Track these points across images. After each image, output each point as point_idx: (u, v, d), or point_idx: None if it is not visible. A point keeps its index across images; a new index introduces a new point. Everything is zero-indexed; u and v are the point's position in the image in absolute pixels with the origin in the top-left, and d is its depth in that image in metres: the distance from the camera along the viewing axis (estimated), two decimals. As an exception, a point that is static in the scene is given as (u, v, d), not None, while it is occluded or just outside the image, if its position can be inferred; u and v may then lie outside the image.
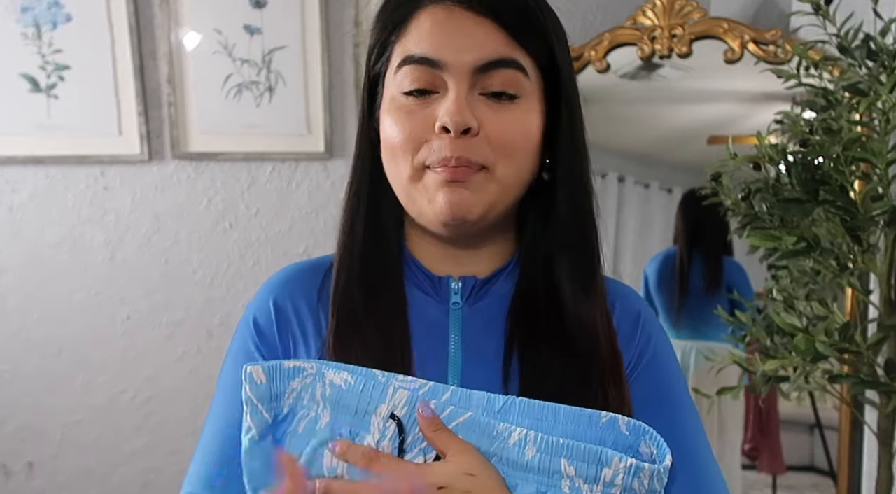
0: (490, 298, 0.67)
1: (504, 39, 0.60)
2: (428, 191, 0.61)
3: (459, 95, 0.59)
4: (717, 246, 1.67)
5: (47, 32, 1.59)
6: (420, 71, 0.61)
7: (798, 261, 1.02)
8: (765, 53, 1.45)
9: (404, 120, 0.61)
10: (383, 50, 0.65)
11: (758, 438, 1.65)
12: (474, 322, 0.66)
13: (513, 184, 0.63)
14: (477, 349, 0.65)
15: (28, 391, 1.70)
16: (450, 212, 0.60)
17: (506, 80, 0.61)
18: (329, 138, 1.68)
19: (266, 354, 0.67)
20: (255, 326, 0.68)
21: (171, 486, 1.76)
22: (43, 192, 1.66)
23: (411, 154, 0.61)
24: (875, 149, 0.89)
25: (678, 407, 0.67)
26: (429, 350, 0.64)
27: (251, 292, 1.82)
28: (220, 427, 0.66)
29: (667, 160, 1.74)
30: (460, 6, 0.60)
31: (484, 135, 0.60)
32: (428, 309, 0.66)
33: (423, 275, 0.67)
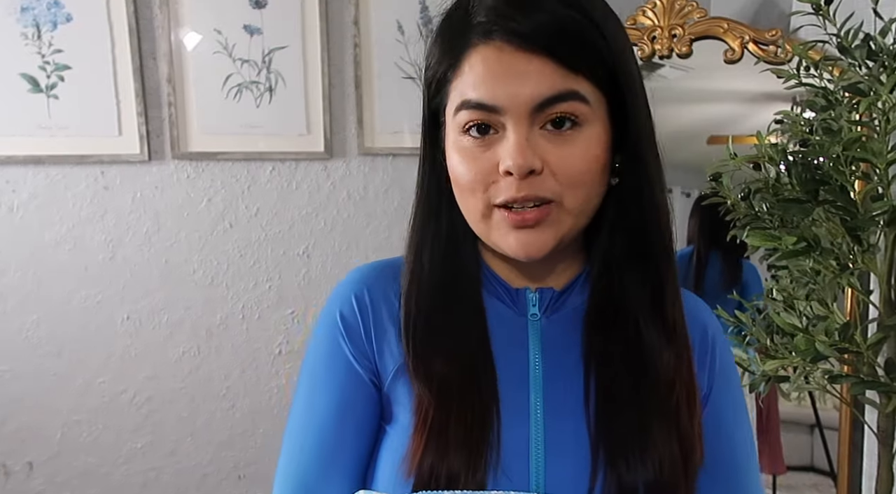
0: (566, 309, 0.67)
1: (559, 73, 0.58)
2: (500, 230, 0.62)
3: (520, 137, 0.59)
4: (737, 247, 1.68)
5: (47, 32, 1.59)
6: (478, 115, 0.60)
7: (798, 261, 1.02)
8: (765, 53, 1.45)
9: (470, 162, 0.61)
10: (441, 86, 0.64)
11: (758, 438, 1.65)
12: (553, 334, 0.66)
13: (583, 212, 0.63)
14: (556, 360, 0.65)
15: (28, 391, 1.70)
16: (523, 253, 0.61)
17: (566, 111, 0.59)
18: (329, 138, 1.68)
19: (352, 347, 0.67)
20: (342, 322, 0.68)
21: (171, 486, 1.76)
22: (43, 192, 1.66)
23: (480, 192, 0.61)
24: (875, 149, 0.89)
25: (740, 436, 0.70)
26: (509, 363, 0.64)
27: (251, 292, 1.84)
28: (307, 428, 0.67)
29: (667, 160, 1.74)
30: (510, 44, 0.58)
31: (549, 172, 0.60)
32: (506, 319, 0.66)
33: (501, 287, 0.68)
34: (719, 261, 1.68)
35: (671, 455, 0.62)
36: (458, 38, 0.61)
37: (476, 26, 0.60)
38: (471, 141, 0.61)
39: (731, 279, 1.66)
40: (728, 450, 0.68)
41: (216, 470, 1.77)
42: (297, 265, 1.74)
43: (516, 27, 0.58)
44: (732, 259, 1.67)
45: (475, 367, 0.63)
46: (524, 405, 0.63)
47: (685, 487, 0.62)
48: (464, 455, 0.60)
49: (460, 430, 0.60)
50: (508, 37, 0.58)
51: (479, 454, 0.60)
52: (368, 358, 0.67)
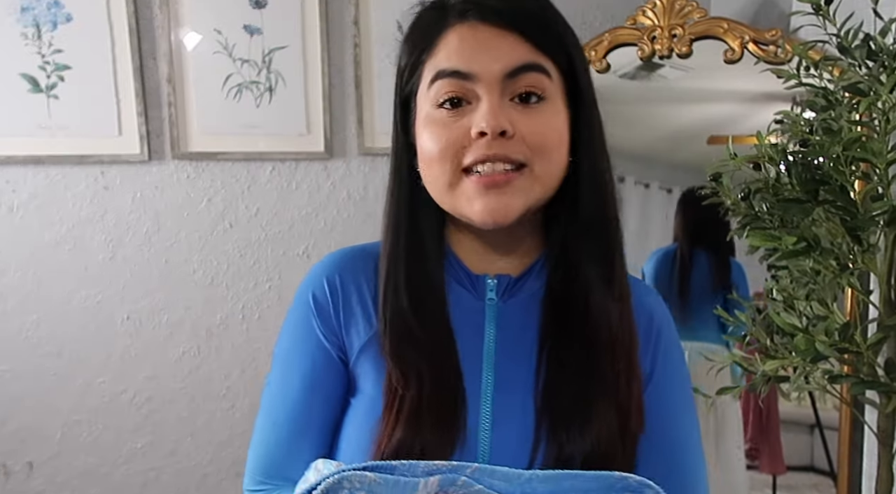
0: (522, 295, 0.72)
1: (527, 47, 0.65)
2: (467, 196, 0.66)
3: (492, 102, 0.64)
4: (724, 245, 1.67)
5: (47, 32, 1.59)
6: (452, 84, 0.65)
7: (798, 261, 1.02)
8: (765, 53, 1.45)
9: (441, 131, 0.66)
10: (414, 69, 0.69)
11: (758, 438, 1.65)
12: (508, 316, 0.71)
13: (550, 182, 0.67)
14: (510, 343, 0.70)
15: (28, 391, 1.70)
16: (490, 219, 0.65)
17: (532, 83, 0.65)
18: (329, 138, 1.68)
19: (322, 326, 0.72)
20: (314, 302, 0.73)
21: (171, 486, 1.76)
22: (43, 192, 1.66)
23: (450, 161, 0.65)
24: (875, 149, 0.88)
25: (682, 414, 0.75)
26: (466, 341, 0.69)
27: (251, 292, 1.84)
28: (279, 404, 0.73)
29: (667, 160, 1.74)
30: (483, 23, 0.65)
31: (519, 137, 0.64)
32: (466, 303, 0.71)
33: (463, 273, 0.73)
34: (706, 260, 1.67)
35: (609, 426, 0.66)
36: (433, 24, 0.68)
37: (451, 9, 0.67)
38: (444, 113, 0.66)
39: (719, 278, 1.66)
40: (670, 429, 0.72)
41: (216, 470, 1.77)
42: (297, 265, 1.74)
43: (490, 6, 0.65)
44: (721, 258, 1.66)
45: (442, 351, 0.68)
46: (477, 382, 0.68)
47: (622, 457, 0.67)
48: (437, 433, 0.65)
49: (433, 411, 0.65)
50: (482, 15, 0.65)
51: (452, 432, 0.65)
52: (337, 335, 0.72)
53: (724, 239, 1.65)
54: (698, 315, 1.69)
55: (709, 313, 1.66)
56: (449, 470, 0.60)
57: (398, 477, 0.60)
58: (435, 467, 0.60)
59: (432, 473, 0.60)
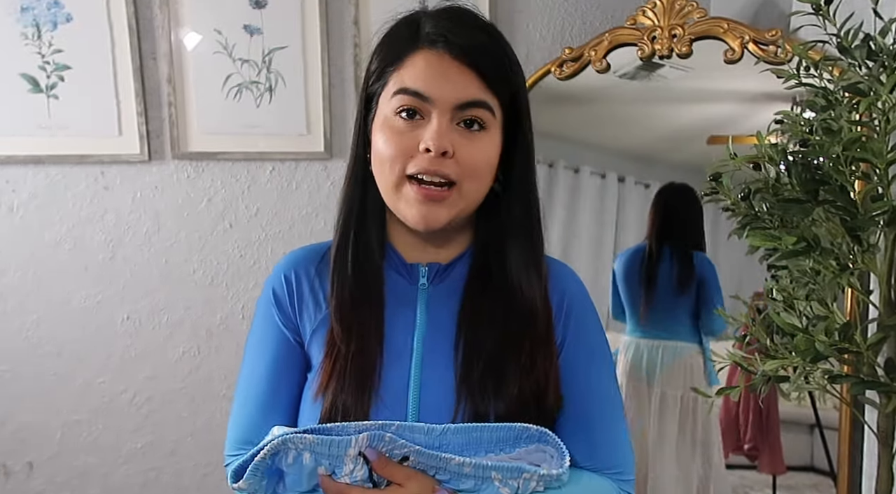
0: (450, 280, 0.84)
1: (479, 85, 0.77)
2: (408, 201, 0.78)
3: (441, 125, 0.76)
4: (688, 242, 1.66)
5: (47, 32, 1.59)
6: (412, 101, 0.77)
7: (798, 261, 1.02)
8: (765, 53, 1.45)
9: (395, 138, 0.77)
10: (381, 75, 0.80)
11: (758, 438, 1.65)
12: (437, 298, 0.84)
13: (474, 199, 0.81)
14: (437, 319, 0.82)
15: (28, 391, 1.70)
16: (424, 224, 0.78)
17: (477, 115, 0.77)
18: (329, 138, 1.68)
19: (282, 317, 0.86)
20: (273, 296, 0.86)
21: (171, 486, 1.76)
22: (43, 192, 1.66)
23: (398, 165, 0.77)
24: (875, 149, 0.88)
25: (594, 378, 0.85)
26: (400, 319, 0.82)
27: (251, 292, 1.84)
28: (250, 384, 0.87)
29: (667, 160, 1.74)
30: (449, 54, 0.76)
31: (456, 158, 0.77)
32: (401, 287, 0.84)
33: (399, 262, 0.85)
34: (670, 257, 1.67)
35: (522, 391, 0.78)
36: (405, 41, 0.79)
37: (424, 35, 0.78)
38: (400, 121, 0.78)
39: (683, 275, 1.65)
40: (583, 393, 0.83)
41: (216, 470, 1.77)
42: (297, 265, 1.74)
43: (457, 42, 0.76)
44: (683, 252, 1.66)
45: (369, 324, 0.80)
46: (408, 353, 0.81)
47: (536, 421, 0.76)
48: (355, 389, 0.77)
49: (353, 370, 0.78)
50: (449, 48, 0.76)
51: (366, 389, 0.77)
52: (293, 322, 0.85)
53: (690, 234, 1.65)
54: (666, 311, 1.68)
55: (676, 310, 1.67)
56: (376, 429, 0.71)
57: (333, 437, 0.70)
58: (364, 426, 0.71)
59: (362, 431, 0.70)
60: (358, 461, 0.71)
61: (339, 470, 0.71)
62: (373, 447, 0.71)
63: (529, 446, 0.75)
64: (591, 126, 1.77)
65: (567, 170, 1.74)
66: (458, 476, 0.72)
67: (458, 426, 0.74)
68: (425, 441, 0.72)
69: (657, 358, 1.66)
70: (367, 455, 0.71)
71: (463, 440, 0.73)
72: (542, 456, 0.75)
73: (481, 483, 0.72)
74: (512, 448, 0.74)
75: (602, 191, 1.74)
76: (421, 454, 0.71)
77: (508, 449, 0.74)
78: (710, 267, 1.62)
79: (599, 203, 1.74)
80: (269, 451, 0.70)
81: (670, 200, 1.67)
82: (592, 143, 1.76)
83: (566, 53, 1.63)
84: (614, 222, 1.74)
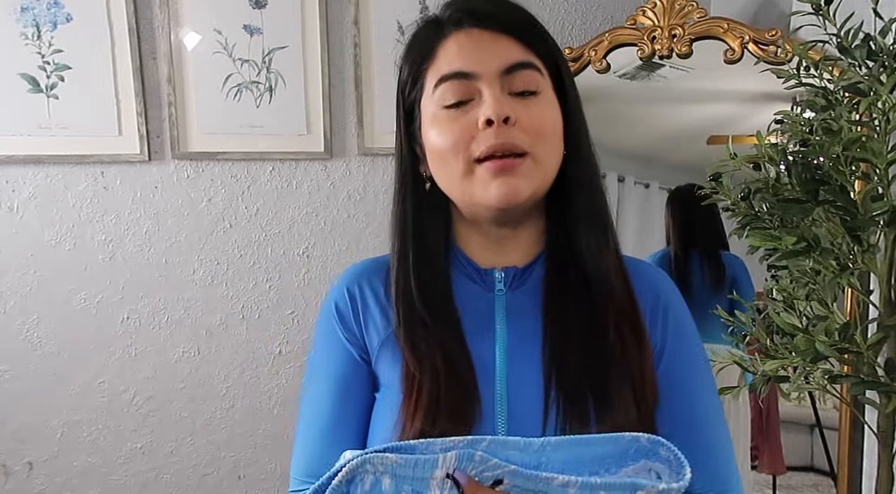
0: (529, 284, 0.78)
1: (519, 48, 0.72)
2: (483, 182, 0.71)
3: (495, 94, 0.70)
4: (713, 242, 1.65)
5: (47, 32, 1.59)
6: (456, 84, 0.71)
7: (798, 261, 1.02)
8: (765, 53, 1.45)
9: (450, 126, 0.72)
10: (416, 80, 0.75)
11: (758, 438, 1.65)
12: (516, 304, 0.77)
13: (551, 167, 0.74)
14: (519, 326, 0.75)
15: (28, 391, 1.70)
16: (505, 199, 0.71)
17: (527, 79, 0.72)
18: (329, 138, 1.68)
19: (345, 331, 0.79)
20: (336, 311, 0.80)
21: (171, 486, 1.76)
22: (43, 192, 1.66)
23: (462, 152, 0.71)
24: (875, 149, 0.89)
25: (699, 388, 0.77)
26: (479, 330, 0.75)
27: (251, 292, 1.84)
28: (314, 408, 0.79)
29: (667, 160, 1.74)
30: (478, 28, 0.72)
31: (520, 126, 0.70)
32: (476, 296, 0.77)
33: (472, 268, 0.79)
34: (700, 259, 1.66)
35: (622, 393, 0.70)
36: (431, 37, 0.74)
37: (447, 21, 0.74)
38: (450, 112, 0.72)
39: (715, 276, 1.65)
40: (687, 404, 0.75)
41: (216, 470, 1.77)
42: (297, 265, 1.74)
43: (482, 14, 0.72)
44: (711, 253, 1.65)
45: (452, 340, 0.73)
46: (492, 368, 0.73)
47: (638, 426, 0.68)
48: (453, 421, 0.69)
49: (449, 398, 0.70)
50: (477, 21, 0.72)
51: (466, 417, 0.69)
52: (358, 338, 0.79)
53: (713, 234, 1.65)
54: (702, 314, 1.68)
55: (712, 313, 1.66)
56: (465, 445, 0.62)
57: (418, 456, 0.62)
58: (452, 443, 0.63)
59: (449, 449, 0.62)
60: (445, 484, 0.63)
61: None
62: (461, 469, 0.62)
63: (637, 463, 0.65)
64: (591, 126, 1.76)
65: (567, 170, 1.73)
66: None
67: (559, 439, 0.65)
68: (521, 459, 0.63)
69: None
70: (457, 478, 0.62)
71: (564, 456, 0.64)
72: (648, 477, 0.65)
73: None
74: (617, 468, 0.65)
75: (602, 190, 1.74)
76: (517, 475, 0.62)
77: (613, 469, 0.65)
78: (741, 264, 1.61)
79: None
80: (344, 475, 0.63)
81: (685, 203, 1.66)
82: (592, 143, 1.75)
83: (566, 53, 1.63)
84: (614, 222, 1.74)
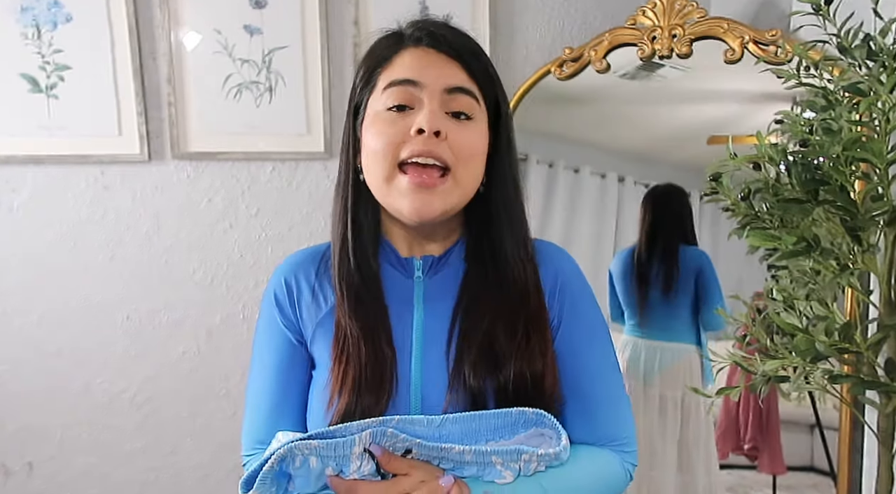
0: (444, 271, 0.87)
1: (465, 75, 0.81)
2: (400, 192, 0.79)
3: (433, 108, 0.79)
4: (676, 239, 1.66)
5: (47, 32, 1.59)
6: (402, 90, 0.80)
7: (798, 261, 1.02)
8: (765, 53, 1.45)
9: (386, 129, 0.79)
10: (369, 79, 0.84)
11: (758, 438, 1.65)
12: (433, 290, 0.86)
13: (467, 188, 0.82)
14: (434, 309, 0.84)
15: (28, 391, 1.70)
16: (417, 214, 0.79)
17: (465, 104, 0.81)
18: (329, 138, 1.68)
19: (282, 318, 0.88)
20: (275, 299, 0.89)
21: (171, 486, 1.76)
22: (43, 192, 1.66)
23: (390, 155, 0.79)
24: (875, 149, 0.89)
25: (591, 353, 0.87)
26: (400, 311, 0.84)
27: (251, 292, 1.84)
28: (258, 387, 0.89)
29: (667, 160, 1.74)
30: (434, 49, 0.81)
31: (448, 143, 0.78)
32: (398, 282, 0.86)
33: (395, 257, 0.87)
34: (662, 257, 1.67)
35: (518, 376, 0.79)
36: (391, 45, 0.83)
37: (408, 36, 0.83)
38: (391, 115, 0.80)
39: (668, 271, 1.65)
40: (582, 369, 0.85)
41: (216, 470, 1.77)
42: (297, 265, 1.74)
43: (440, 38, 0.81)
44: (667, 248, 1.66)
45: (376, 325, 0.82)
46: (409, 347, 0.83)
47: (541, 405, 0.78)
48: (373, 394, 0.79)
49: (370, 373, 0.79)
50: (432, 43, 0.81)
51: (384, 390, 0.79)
52: (294, 323, 0.88)
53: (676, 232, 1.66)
54: (663, 312, 1.68)
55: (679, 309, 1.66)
56: (377, 425, 0.73)
57: (337, 439, 0.72)
58: (366, 424, 0.73)
59: (364, 429, 0.73)
60: (364, 457, 0.73)
61: (346, 469, 0.73)
62: (376, 442, 0.73)
63: (528, 431, 0.77)
64: (591, 126, 1.77)
65: (567, 170, 1.74)
66: (460, 463, 0.75)
67: (456, 415, 0.76)
68: (426, 433, 0.75)
69: (655, 361, 1.66)
70: (372, 451, 0.73)
71: (461, 429, 0.76)
72: (540, 440, 0.78)
73: (483, 468, 0.75)
74: (510, 435, 0.77)
75: (602, 191, 1.74)
76: (422, 446, 0.74)
77: (507, 436, 0.77)
78: (704, 258, 1.62)
79: (599, 203, 1.74)
80: (275, 460, 0.72)
81: (654, 199, 1.68)
82: (592, 143, 1.76)
83: (566, 53, 1.63)
84: (614, 222, 1.74)
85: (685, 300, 1.64)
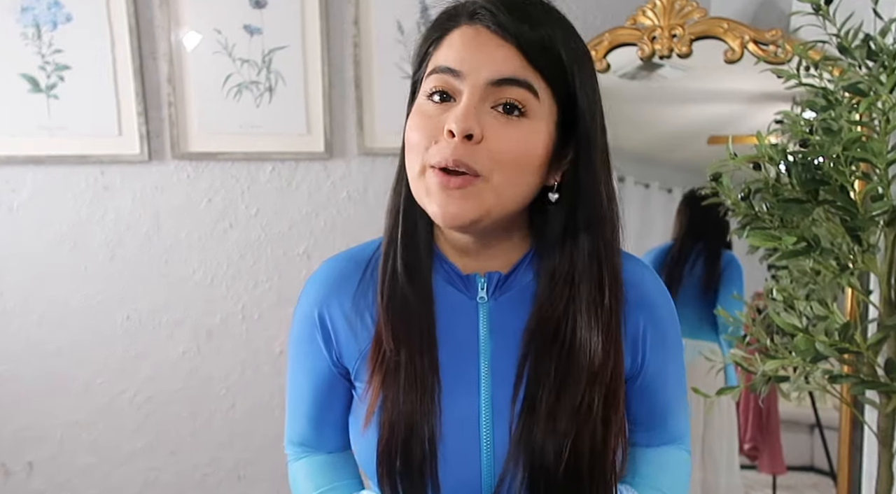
0: (512, 291, 0.74)
1: (520, 63, 0.65)
2: (430, 190, 0.67)
3: (469, 104, 0.64)
4: (718, 243, 1.66)
5: (47, 32, 1.59)
6: (442, 79, 0.67)
7: (798, 261, 1.02)
8: (765, 53, 1.45)
9: (423, 122, 0.67)
10: (422, 60, 0.71)
11: (758, 438, 1.65)
12: (500, 313, 0.74)
13: (509, 196, 0.67)
14: (502, 338, 0.73)
15: (28, 391, 1.70)
16: (444, 219, 0.66)
17: (515, 97, 0.65)
18: (329, 138, 1.68)
19: (325, 351, 0.78)
20: (317, 325, 0.78)
21: (171, 486, 1.76)
22: (43, 192, 1.66)
23: (423, 151, 0.67)
24: (875, 149, 0.88)
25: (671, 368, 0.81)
26: (461, 339, 0.73)
27: (251, 292, 1.83)
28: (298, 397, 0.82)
29: (667, 160, 1.74)
30: (488, 29, 0.66)
31: (486, 145, 0.65)
32: (459, 302, 0.74)
33: (454, 273, 0.75)
34: (700, 259, 1.67)
35: (581, 438, 0.69)
36: (446, 21, 0.69)
37: (465, 13, 0.68)
38: (431, 105, 0.67)
39: (711, 273, 1.66)
40: (660, 386, 0.80)
41: (216, 470, 1.77)
42: (297, 265, 1.74)
43: (499, 18, 0.66)
44: (712, 251, 1.66)
45: (420, 347, 0.71)
46: (475, 381, 0.72)
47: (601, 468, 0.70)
48: (414, 394, 0.70)
49: (408, 376, 0.70)
50: (489, 22, 0.66)
51: (427, 391, 0.70)
52: (335, 359, 0.78)
53: (720, 236, 1.66)
54: (694, 311, 1.68)
55: (704, 310, 1.66)
56: None
57: None
58: None
59: None
60: None
61: None
62: None
63: None
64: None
65: (567, 170, 1.74)
66: None
67: None
68: None
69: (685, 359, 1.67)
70: None
71: None
72: None
73: None
74: None
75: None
76: None
77: None
78: (737, 265, 1.63)
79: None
80: None
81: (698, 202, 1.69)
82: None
83: (566, 53, 1.63)
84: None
85: (714, 301, 1.64)
